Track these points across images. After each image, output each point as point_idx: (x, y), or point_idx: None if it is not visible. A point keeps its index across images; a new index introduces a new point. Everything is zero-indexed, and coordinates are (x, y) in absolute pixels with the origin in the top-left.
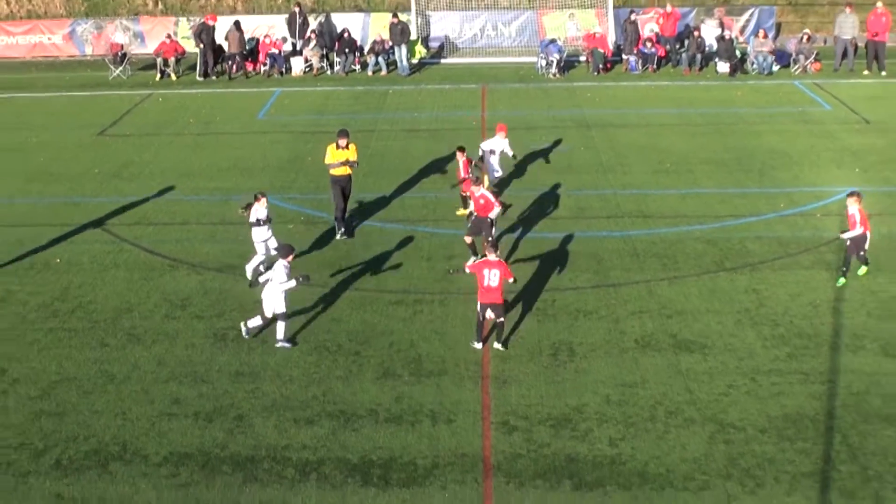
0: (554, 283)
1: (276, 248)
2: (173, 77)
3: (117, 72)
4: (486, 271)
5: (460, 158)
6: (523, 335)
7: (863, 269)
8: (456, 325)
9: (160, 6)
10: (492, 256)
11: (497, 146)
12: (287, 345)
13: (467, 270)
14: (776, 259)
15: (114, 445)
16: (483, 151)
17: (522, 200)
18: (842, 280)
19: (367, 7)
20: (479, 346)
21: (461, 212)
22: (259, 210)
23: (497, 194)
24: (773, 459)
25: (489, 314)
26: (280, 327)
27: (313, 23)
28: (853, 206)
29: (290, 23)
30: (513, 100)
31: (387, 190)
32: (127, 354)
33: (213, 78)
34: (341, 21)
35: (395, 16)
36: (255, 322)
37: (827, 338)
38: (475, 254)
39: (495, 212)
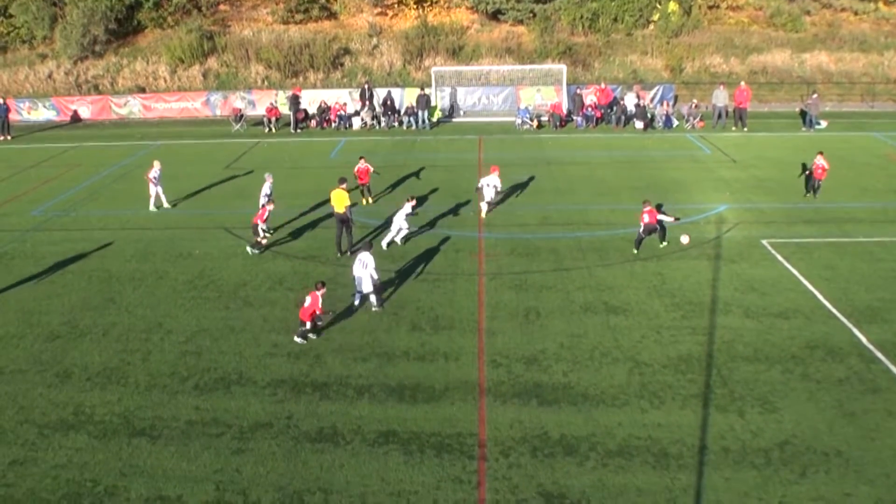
0: (526, 267)
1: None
2: (274, 130)
3: (237, 127)
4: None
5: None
6: (506, 303)
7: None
8: (461, 295)
9: (265, 83)
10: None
11: (491, 181)
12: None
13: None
14: (674, 252)
15: (234, 374)
16: (480, 185)
17: (506, 213)
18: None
19: (402, 84)
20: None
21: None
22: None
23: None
24: (672, 385)
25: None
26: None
27: (370, 93)
28: (647, 208)
29: (362, 94)
30: (499, 146)
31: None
32: (242, 314)
33: (300, 131)
34: (384, 93)
35: (421, 89)
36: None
37: (707, 305)
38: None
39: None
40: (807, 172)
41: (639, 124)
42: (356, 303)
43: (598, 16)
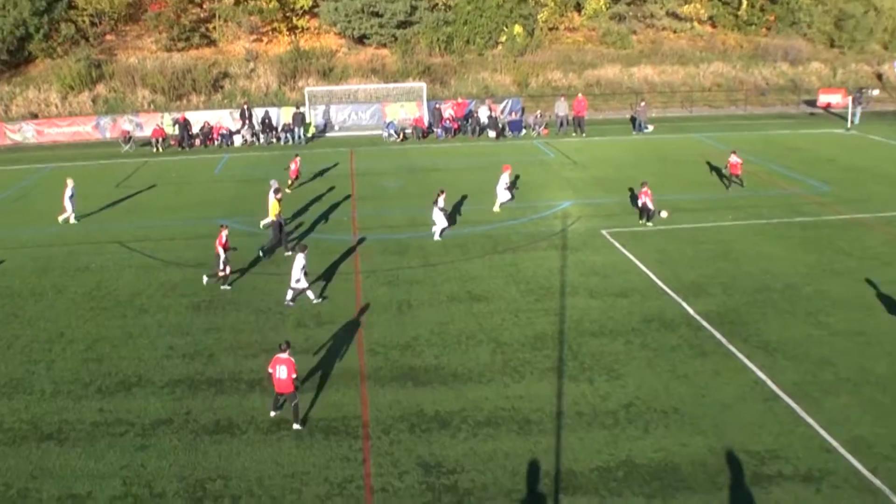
0: (397, 265)
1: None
2: (161, 150)
3: (126, 147)
4: (278, 367)
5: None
6: (381, 297)
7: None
8: (340, 292)
9: (151, 106)
10: (282, 355)
11: (502, 179)
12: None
13: (270, 369)
14: (527, 244)
15: (133, 377)
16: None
17: (378, 217)
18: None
19: (279, 103)
20: (273, 413)
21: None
22: None
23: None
24: (530, 361)
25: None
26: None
27: (252, 113)
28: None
29: (242, 113)
30: (369, 157)
31: (293, 209)
32: (139, 321)
33: (187, 149)
34: (262, 112)
35: (296, 108)
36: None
37: (557, 288)
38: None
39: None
40: (725, 170)
41: (491, 133)
42: (288, 298)
43: (452, 39)
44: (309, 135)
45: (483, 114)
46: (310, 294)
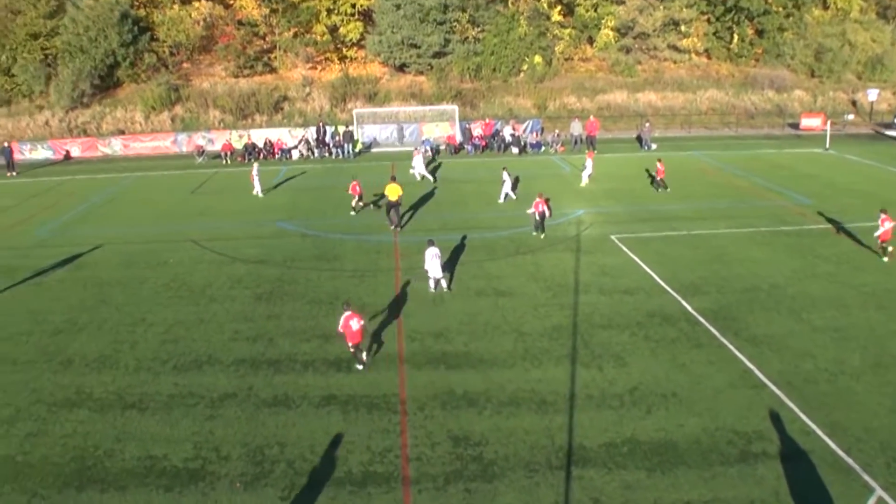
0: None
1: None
2: (229, 162)
3: (200, 160)
4: (351, 322)
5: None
6: (417, 291)
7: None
8: (382, 286)
9: (221, 124)
10: (348, 312)
11: (588, 164)
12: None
13: (341, 330)
14: (545, 247)
15: (204, 356)
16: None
17: (414, 221)
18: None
19: (331, 123)
20: (363, 366)
21: None
22: None
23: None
24: (547, 349)
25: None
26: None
27: (312, 131)
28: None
29: (318, 130)
30: (407, 169)
31: (341, 214)
32: (209, 308)
33: (252, 161)
34: (330, 129)
35: (347, 127)
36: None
37: (572, 286)
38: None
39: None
40: (655, 176)
41: (515, 150)
42: (432, 288)
43: (480, 67)
44: (356, 150)
45: (507, 133)
46: (431, 283)
